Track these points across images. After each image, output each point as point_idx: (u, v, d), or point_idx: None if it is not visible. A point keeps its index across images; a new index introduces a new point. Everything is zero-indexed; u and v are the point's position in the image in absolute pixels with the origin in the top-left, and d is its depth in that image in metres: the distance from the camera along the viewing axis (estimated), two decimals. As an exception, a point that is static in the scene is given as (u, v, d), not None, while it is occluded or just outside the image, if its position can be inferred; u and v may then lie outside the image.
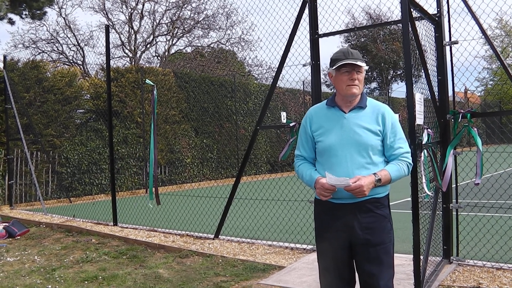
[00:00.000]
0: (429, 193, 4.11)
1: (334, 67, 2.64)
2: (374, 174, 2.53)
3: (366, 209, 2.58)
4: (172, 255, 5.69)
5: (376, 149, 2.62)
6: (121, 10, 24.65)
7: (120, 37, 24.48)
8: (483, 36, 4.62)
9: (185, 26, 25.23)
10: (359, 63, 2.58)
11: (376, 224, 2.58)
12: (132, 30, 24.77)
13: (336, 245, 2.62)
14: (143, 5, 24.24)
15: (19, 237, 7.44)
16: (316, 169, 2.70)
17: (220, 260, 5.33)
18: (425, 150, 4.02)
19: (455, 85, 4.82)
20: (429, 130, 4.27)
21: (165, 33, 25.38)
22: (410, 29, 3.73)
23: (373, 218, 2.58)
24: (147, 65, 21.83)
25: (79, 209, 9.97)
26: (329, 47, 37.30)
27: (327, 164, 2.63)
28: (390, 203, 2.74)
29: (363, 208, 2.57)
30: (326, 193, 2.52)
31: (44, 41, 23.68)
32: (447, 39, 4.71)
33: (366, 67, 2.67)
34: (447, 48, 4.71)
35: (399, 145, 2.66)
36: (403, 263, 4.74)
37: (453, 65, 4.74)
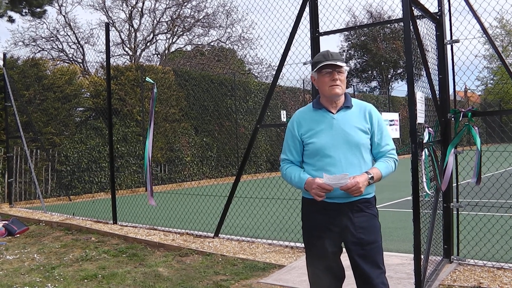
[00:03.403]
0: (429, 192, 4.11)
1: (315, 70, 2.69)
2: (367, 172, 2.59)
3: (358, 208, 2.64)
4: (172, 254, 5.68)
5: (366, 147, 2.69)
6: (121, 8, 24.64)
7: (120, 35, 24.47)
8: (484, 35, 4.60)
9: (185, 24, 25.20)
10: (339, 63, 2.63)
11: (368, 223, 2.65)
12: (132, 28, 24.76)
13: (329, 243, 2.67)
14: (143, 3, 24.23)
15: (18, 235, 7.43)
16: (304, 171, 2.73)
17: (220, 259, 5.32)
18: (426, 149, 4.01)
19: (456, 84, 4.80)
20: (430, 129, 4.26)
21: (165, 31, 25.36)
22: (411, 27, 3.72)
23: (365, 217, 2.65)
24: (147, 63, 21.80)
25: (78, 207, 9.96)
26: (329, 46, 37.30)
27: (320, 164, 2.65)
28: (390, 202, 2.75)
29: (355, 208, 2.63)
30: (322, 193, 2.55)
31: (44, 39, 23.67)
32: (448, 37, 4.69)
33: (347, 68, 2.71)
34: (448, 46, 4.69)
35: (386, 142, 2.74)
36: (403, 262, 4.73)
37: (454, 63, 4.72)
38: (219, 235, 6.45)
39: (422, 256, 3.74)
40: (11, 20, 13.76)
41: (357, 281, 2.69)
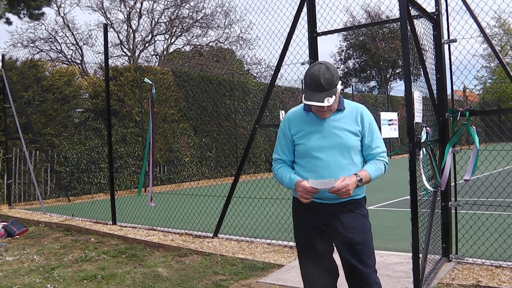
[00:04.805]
0: (430, 188, 4.11)
1: (303, 100, 2.58)
2: (355, 174, 2.58)
3: (346, 209, 2.65)
4: (171, 254, 5.69)
5: (356, 150, 2.68)
6: (120, 9, 24.74)
7: (118, 36, 24.46)
8: (481, 35, 4.62)
9: (184, 24, 25.21)
10: (326, 103, 2.51)
11: (357, 223, 2.66)
12: (131, 29, 24.75)
13: (319, 242, 2.69)
14: (142, 4, 24.23)
15: (18, 236, 7.43)
16: (295, 172, 2.74)
17: (219, 259, 5.34)
18: (424, 149, 4.03)
19: (453, 83, 4.82)
20: (428, 128, 4.27)
21: (163, 32, 25.37)
22: (408, 27, 3.73)
23: (354, 217, 2.66)
24: (146, 64, 21.82)
25: (78, 208, 9.96)
26: (328, 46, 37.33)
27: (310, 166, 2.66)
28: (389, 201, 2.76)
29: (343, 208, 2.65)
30: (308, 196, 2.56)
31: (42, 40, 23.67)
32: (445, 37, 4.71)
33: (341, 87, 2.62)
34: (446, 46, 4.71)
35: (377, 144, 2.72)
36: (402, 261, 4.74)
37: (452, 63, 4.74)
38: (218, 235, 6.46)
39: (421, 255, 3.76)
40: (9, 22, 13.74)
41: (348, 281, 2.70)
